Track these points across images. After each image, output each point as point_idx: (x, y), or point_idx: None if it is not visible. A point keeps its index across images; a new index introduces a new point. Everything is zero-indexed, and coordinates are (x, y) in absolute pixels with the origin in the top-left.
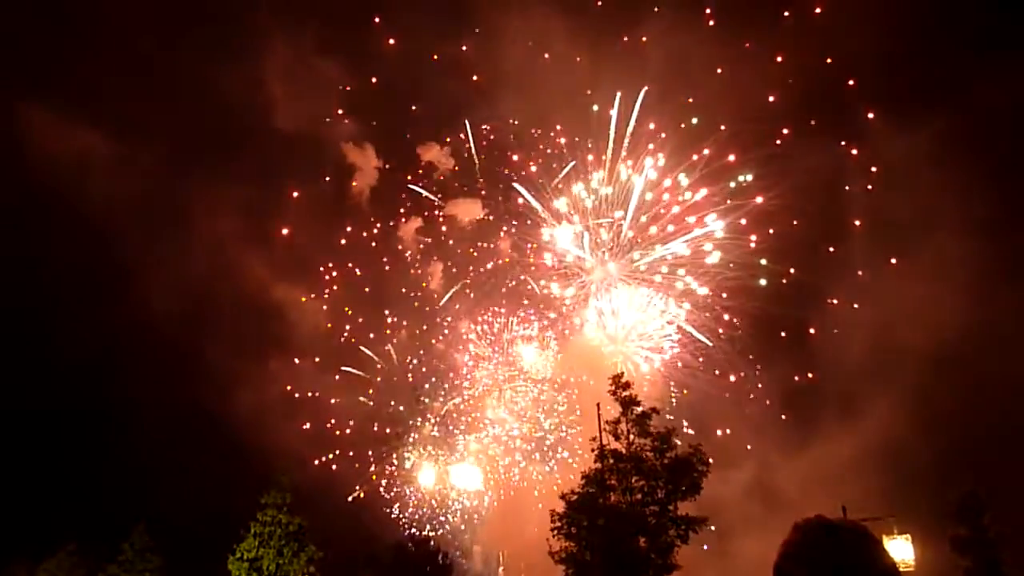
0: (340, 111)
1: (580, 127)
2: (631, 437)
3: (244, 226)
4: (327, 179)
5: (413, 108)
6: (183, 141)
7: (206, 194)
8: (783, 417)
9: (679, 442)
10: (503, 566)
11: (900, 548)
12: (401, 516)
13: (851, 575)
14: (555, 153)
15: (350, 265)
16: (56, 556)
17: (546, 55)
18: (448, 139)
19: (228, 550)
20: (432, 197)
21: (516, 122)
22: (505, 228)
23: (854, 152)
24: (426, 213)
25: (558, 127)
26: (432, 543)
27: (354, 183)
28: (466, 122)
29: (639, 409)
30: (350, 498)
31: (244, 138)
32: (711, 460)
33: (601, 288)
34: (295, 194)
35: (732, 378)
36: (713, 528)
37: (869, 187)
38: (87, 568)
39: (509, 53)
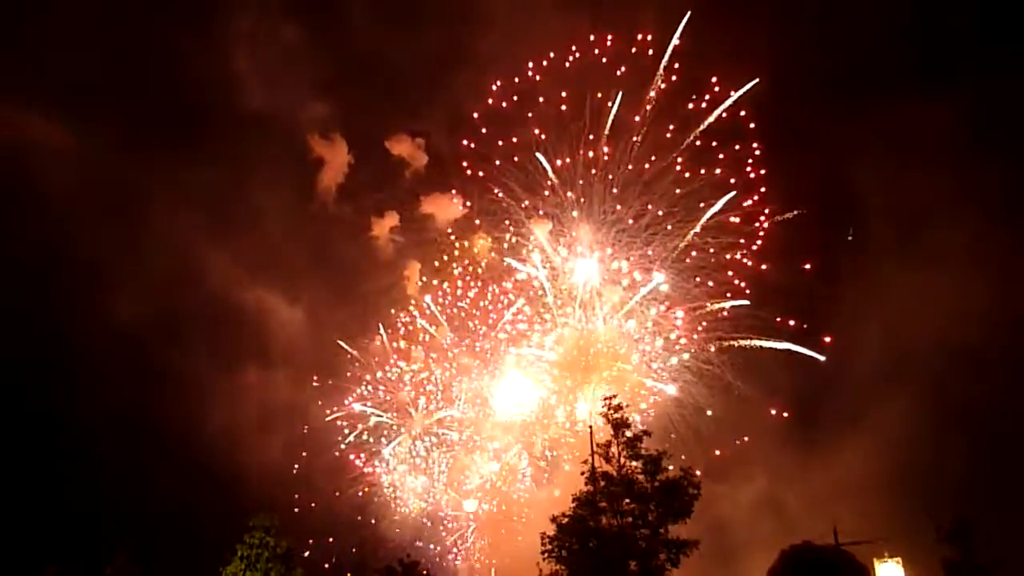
0: (309, 92)
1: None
2: (622, 460)
3: (208, 221)
4: (295, 173)
5: (386, 85)
6: (139, 122)
7: (166, 183)
8: (787, 430)
9: (678, 463)
10: None
11: (890, 572)
12: (388, 537)
13: None
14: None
15: (323, 265)
16: None
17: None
18: (421, 128)
19: (214, 573)
20: (404, 197)
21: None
22: (484, 228)
23: (869, 132)
24: (402, 210)
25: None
26: (420, 565)
27: (322, 179)
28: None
29: (630, 432)
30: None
31: (206, 120)
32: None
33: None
34: (262, 188)
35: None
36: (698, 548)
37: (884, 170)
38: None
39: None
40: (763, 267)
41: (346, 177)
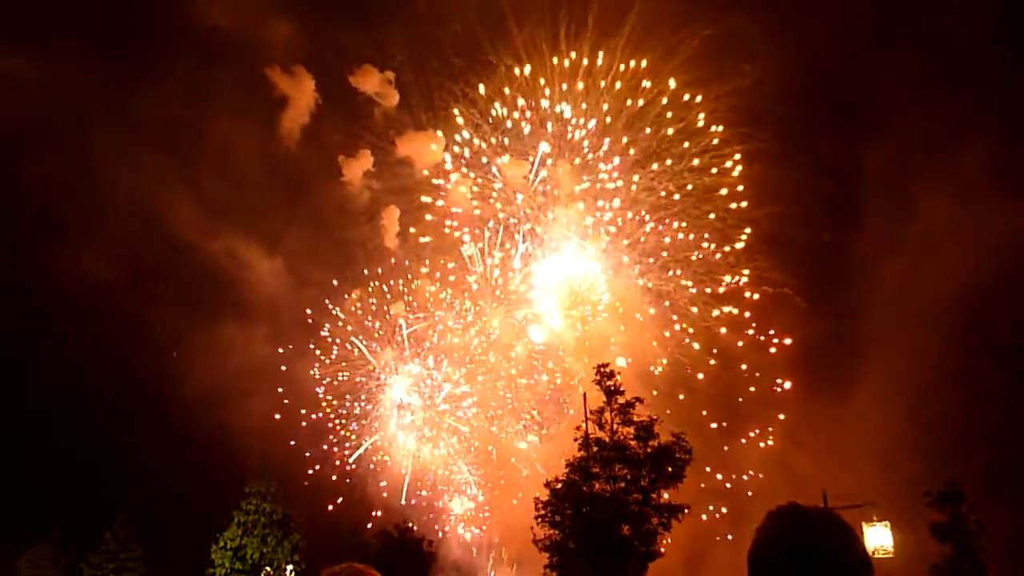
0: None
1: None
2: (615, 426)
3: (166, 161)
4: (258, 107)
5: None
6: (88, 41)
7: (118, 114)
8: (785, 392)
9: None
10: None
11: (879, 534)
12: (380, 502)
13: (821, 560)
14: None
15: (294, 214)
16: (37, 546)
17: None
18: (388, 60)
19: (211, 539)
20: (376, 140)
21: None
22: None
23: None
24: (376, 153)
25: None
26: (415, 530)
27: (287, 119)
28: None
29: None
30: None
31: (161, 41)
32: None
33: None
34: (222, 125)
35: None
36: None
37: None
38: (69, 557)
39: None
40: (762, 213)
41: (312, 116)
